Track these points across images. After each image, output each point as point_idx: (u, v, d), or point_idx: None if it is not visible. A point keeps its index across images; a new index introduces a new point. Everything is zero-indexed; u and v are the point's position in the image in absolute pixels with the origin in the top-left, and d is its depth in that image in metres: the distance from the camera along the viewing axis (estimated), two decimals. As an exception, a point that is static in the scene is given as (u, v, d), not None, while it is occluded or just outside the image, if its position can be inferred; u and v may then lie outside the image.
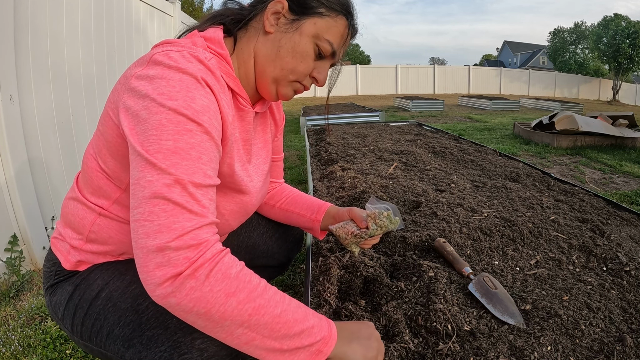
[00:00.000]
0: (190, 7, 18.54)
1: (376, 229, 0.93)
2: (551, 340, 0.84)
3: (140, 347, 0.67)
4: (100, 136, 0.71)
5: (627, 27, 22.82)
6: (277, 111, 1.00)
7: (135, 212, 0.57)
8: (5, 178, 1.87)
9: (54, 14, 2.23)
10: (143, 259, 0.55)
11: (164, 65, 0.63)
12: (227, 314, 0.56)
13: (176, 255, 0.54)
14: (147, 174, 0.57)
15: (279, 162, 1.13)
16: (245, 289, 0.58)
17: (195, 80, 0.63)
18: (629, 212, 1.67)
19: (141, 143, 0.59)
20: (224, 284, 0.56)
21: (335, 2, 0.76)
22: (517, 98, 14.78)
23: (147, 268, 0.55)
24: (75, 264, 0.78)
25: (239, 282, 0.58)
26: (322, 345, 0.63)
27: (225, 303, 0.56)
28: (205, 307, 0.55)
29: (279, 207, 1.12)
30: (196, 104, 0.61)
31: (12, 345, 1.34)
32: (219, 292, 0.56)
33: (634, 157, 4.30)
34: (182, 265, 0.54)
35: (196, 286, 0.55)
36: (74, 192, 0.80)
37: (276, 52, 0.76)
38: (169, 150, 0.58)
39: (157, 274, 0.54)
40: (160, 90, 0.60)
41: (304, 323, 0.62)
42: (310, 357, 0.62)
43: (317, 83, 0.82)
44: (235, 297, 0.57)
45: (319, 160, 2.80)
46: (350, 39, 0.82)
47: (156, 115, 0.59)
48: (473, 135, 5.95)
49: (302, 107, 8.93)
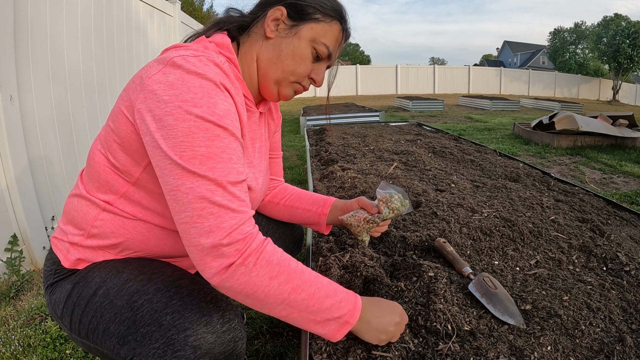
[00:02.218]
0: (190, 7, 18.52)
1: (389, 212, 0.98)
2: (551, 340, 0.84)
3: (135, 344, 0.69)
4: (111, 132, 0.74)
5: (627, 27, 22.80)
6: (275, 111, 1.06)
7: (183, 216, 0.64)
8: (5, 178, 1.87)
9: (54, 14, 2.23)
10: (199, 255, 0.64)
11: (184, 69, 0.66)
12: (270, 294, 0.66)
13: (228, 249, 0.63)
14: (187, 181, 0.64)
15: (279, 160, 1.16)
16: (285, 272, 0.67)
17: (214, 85, 0.67)
18: (629, 212, 1.67)
19: (173, 150, 0.64)
20: (268, 269, 0.66)
21: (329, 9, 0.83)
22: (517, 98, 14.78)
23: (204, 261, 0.64)
24: (74, 262, 0.80)
25: (279, 267, 0.67)
26: (349, 317, 0.72)
27: (269, 285, 0.65)
28: (252, 289, 0.65)
29: (284, 204, 1.13)
30: (219, 109, 0.66)
31: (12, 345, 1.34)
32: (264, 277, 0.65)
33: (634, 157, 4.30)
34: (234, 256, 0.64)
35: (246, 272, 0.64)
36: (78, 189, 0.82)
37: (277, 55, 0.82)
38: (203, 156, 0.64)
39: (214, 266, 0.63)
40: (183, 97, 0.64)
41: (333, 298, 0.71)
42: (339, 327, 0.72)
43: (315, 84, 0.88)
44: (277, 280, 0.66)
45: (319, 160, 2.80)
46: (344, 42, 0.89)
47: (184, 123, 0.64)
48: (473, 135, 5.95)
49: (302, 107, 8.93)
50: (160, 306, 0.70)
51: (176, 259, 0.90)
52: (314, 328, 0.71)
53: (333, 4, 0.84)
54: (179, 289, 0.73)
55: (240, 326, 0.72)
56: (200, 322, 0.67)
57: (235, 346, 0.69)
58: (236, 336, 0.70)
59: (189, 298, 0.71)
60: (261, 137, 0.96)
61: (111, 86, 2.91)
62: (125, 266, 0.78)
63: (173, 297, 0.71)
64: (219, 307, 0.71)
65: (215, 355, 0.67)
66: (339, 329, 0.72)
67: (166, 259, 0.87)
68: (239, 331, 0.71)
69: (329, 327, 0.71)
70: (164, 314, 0.68)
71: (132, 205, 0.77)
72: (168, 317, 0.68)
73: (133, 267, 0.78)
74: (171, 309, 0.69)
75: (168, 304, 0.70)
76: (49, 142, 2.19)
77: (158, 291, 0.72)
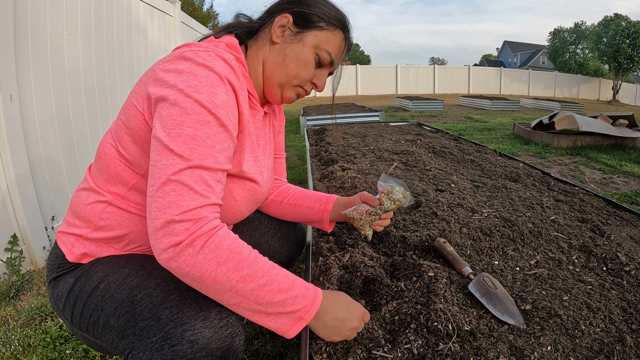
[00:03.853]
0: (190, 7, 18.51)
1: (391, 204, 1.00)
2: (551, 340, 0.84)
3: (133, 338, 0.69)
4: (122, 125, 0.77)
5: (627, 27, 22.81)
6: (279, 113, 1.11)
7: (151, 190, 0.66)
8: (5, 178, 1.87)
9: (54, 14, 2.23)
10: (153, 229, 0.64)
11: (193, 61, 0.71)
12: (218, 280, 0.65)
13: (179, 226, 0.63)
14: (164, 158, 0.66)
15: (282, 160, 1.19)
16: (235, 259, 0.66)
17: (219, 78, 0.71)
18: (629, 212, 1.67)
19: (164, 127, 0.67)
20: (216, 254, 0.65)
21: (333, 18, 0.87)
22: (517, 98, 14.78)
23: (156, 236, 0.64)
24: (78, 256, 0.81)
25: (229, 252, 0.66)
26: (304, 313, 0.71)
27: (216, 270, 0.64)
28: (199, 272, 0.64)
29: (287, 202, 1.15)
30: (217, 99, 0.70)
31: (12, 345, 1.34)
32: (211, 261, 0.64)
33: (634, 157, 4.30)
34: (183, 235, 0.63)
35: (193, 254, 0.63)
36: (86, 183, 0.85)
37: (282, 60, 0.86)
38: (188, 136, 0.66)
39: (163, 242, 0.63)
40: (188, 82, 0.68)
41: (288, 292, 0.69)
42: (292, 322, 0.71)
43: (317, 88, 0.93)
44: (224, 266, 0.65)
45: (319, 160, 2.80)
46: (346, 50, 0.94)
47: (182, 104, 0.67)
48: (473, 135, 5.95)
49: (302, 107, 8.93)
50: (159, 300, 0.71)
51: None
52: (265, 321, 0.69)
53: (337, 13, 0.88)
54: (179, 284, 0.73)
55: (238, 322, 0.72)
56: (198, 316, 0.68)
57: (233, 342, 0.70)
58: (233, 332, 0.70)
59: (187, 293, 0.72)
60: (265, 135, 0.99)
61: (111, 86, 2.91)
62: (127, 261, 0.80)
63: (172, 292, 0.72)
64: (217, 303, 0.71)
65: (212, 351, 0.67)
66: (292, 325, 0.70)
67: None
68: (237, 327, 0.71)
69: (282, 321, 0.70)
70: (162, 308, 0.69)
71: (142, 197, 0.79)
72: (166, 312, 0.69)
73: (135, 263, 0.79)
74: (170, 303, 0.70)
75: (167, 298, 0.71)
76: (49, 142, 2.19)
77: (158, 286, 0.73)
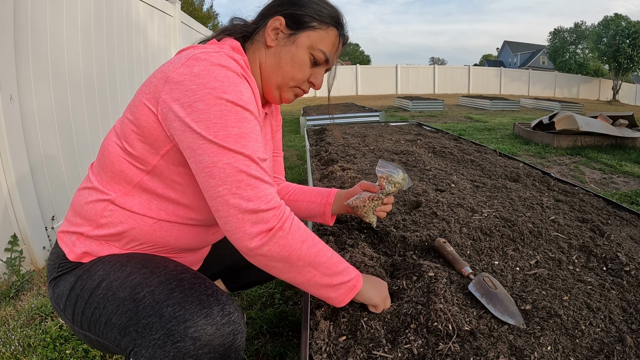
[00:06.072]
0: (190, 7, 18.51)
1: (391, 187, 1.03)
2: (551, 340, 0.84)
3: (136, 335, 0.70)
4: (129, 123, 0.78)
5: (627, 27, 22.80)
6: (276, 113, 1.12)
7: (220, 190, 0.69)
8: (5, 178, 1.87)
9: (54, 14, 2.23)
10: (239, 222, 0.68)
11: (208, 62, 0.72)
12: (302, 256, 0.73)
13: (267, 214, 0.69)
14: (224, 157, 0.69)
15: (280, 158, 1.20)
16: (310, 236, 0.75)
17: (237, 75, 0.73)
18: (629, 212, 1.67)
19: (207, 131, 0.68)
20: (299, 233, 0.73)
21: (326, 16, 0.87)
22: (517, 98, 14.78)
23: (243, 228, 0.68)
24: (79, 255, 0.81)
25: (307, 231, 0.75)
26: (356, 281, 0.80)
27: (301, 248, 0.72)
28: (288, 251, 0.71)
29: (288, 199, 1.17)
30: (244, 96, 0.73)
31: (12, 345, 1.34)
32: (297, 240, 0.72)
33: (634, 157, 4.31)
34: (274, 221, 0.70)
35: (283, 235, 0.71)
36: (88, 182, 0.85)
37: (277, 63, 0.87)
38: (237, 135, 0.70)
39: (254, 232, 0.68)
40: (211, 84, 0.70)
41: (343, 263, 0.80)
42: (349, 291, 0.79)
43: (314, 87, 0.94)
44: (306, 243, 0.74)
45: (319, 160, 2.80)
46: (341, 46, 0.93)
47: (216, 107, 0.69)
48: (473, 135, 5.95)
49: (302, 107, 8.93)
50: (161, 298, 0.71)
51: (179, 254, 0.92)
52: (328, 292, 0.77)
53: (330, 11, 0.88)
54: (181, 282, 0.74)
55: (240, 320, 0.73)
56: (201, 314, 0.68)
57: (235, 339, 0.70)
58: (235, 329, 0.70)
59: (190, 291, 0.72)
60: (266, 136, 1.00)
61: (111, 86, 2.91)
62: (128, 260, 0.80)
63: (174, 290, 0.72)
64: (219, 300, 0.71)
65: (215, 347, 0.67)
66: (347, 293, 0.79)
67: (170, 254, 0.89)
68: (239, 324, 0.71)
69: (341, 291, 0.78)
70: (165, 306, 0.70)
71: (147, 194, 0.80)
72: (169, 309, 0.69)
73: (136, 261, 0.80)
74: (172, 300, 0.70)
75: (169, 296, 0.71)
76: (49, 142, 2.19)
77: (160, 284, 0.74)
